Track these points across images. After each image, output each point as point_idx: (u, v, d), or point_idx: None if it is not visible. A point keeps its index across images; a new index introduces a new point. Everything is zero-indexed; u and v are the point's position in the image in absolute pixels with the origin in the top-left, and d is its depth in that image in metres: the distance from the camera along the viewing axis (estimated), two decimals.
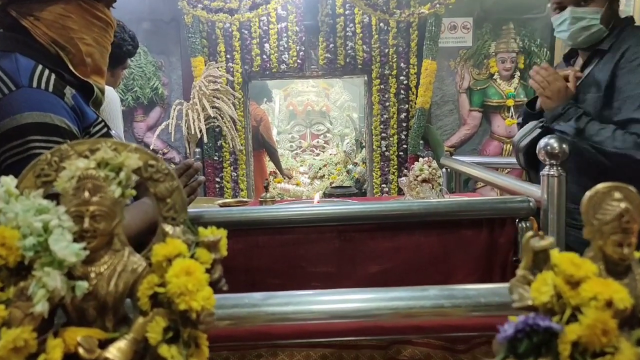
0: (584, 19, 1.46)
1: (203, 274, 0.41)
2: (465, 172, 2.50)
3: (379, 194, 3.97)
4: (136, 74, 3.64)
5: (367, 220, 1.44)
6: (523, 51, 3.79)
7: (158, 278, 0.42)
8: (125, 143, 0.45)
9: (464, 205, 1.47)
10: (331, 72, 3.91)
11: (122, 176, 0.43)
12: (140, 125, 3.82)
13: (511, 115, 3.77)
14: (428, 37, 3.62)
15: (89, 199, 0.41)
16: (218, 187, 3.86)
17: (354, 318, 0.65)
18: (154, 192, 0.46)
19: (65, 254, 0.37)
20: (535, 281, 0.47)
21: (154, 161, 0.46)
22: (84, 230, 0.41)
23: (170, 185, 0.45)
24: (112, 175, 0.42)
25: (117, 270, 0.42)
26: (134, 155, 0.44)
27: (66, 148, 0.44)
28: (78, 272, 0.41)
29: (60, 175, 0.41)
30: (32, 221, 0.38)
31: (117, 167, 0.43)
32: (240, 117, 3.82)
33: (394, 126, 3.88)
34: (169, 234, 0.44)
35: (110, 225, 0.42)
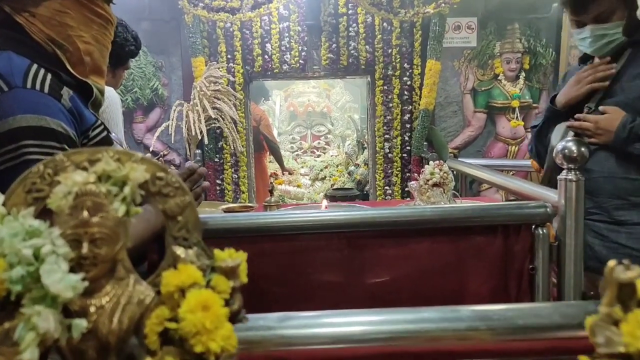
0: (605, 35, 1.43)
1: (222, 308, 0.35)
2: (474, 175, 2.44)
3: (382, 196, 3.91)
4: (136, 74, 3.58)
5: (377, 226, 1.38)
6: (528, 51, 3.74)
7: (169, 311, 0.36)
8: (130, 152, 0.39)
9: (478, 211, 1.41)
10: (334, 73, 3.85)
11: (127, 191, 0.37)
12: (140, 127, 3.75)
13: (516, 117, 3.72)
14: (432, 37, 3.56)
15: (88, 220, 0.35)
16: (219, 189, 3.80)
17: (379, 342, 0.59)
18: (162, 208, 0.40)
19: (60, 288, 0.31)
20: (627, 322, 0.38)
21: (162, 173, 0.40)
22: (82, 256, 0.35)
23: (181, 201, 0.40)
24: (114, 190, 0.36)
25: (121, 302, 0.36)
26: (139, 167, 0.38)
27: (61, 159, 0.38)
28: (75, 306, 0.35)
29: (55, 191, 0.35)
30: (21, 247, 0.32)
31: (120, 181, 0.37)
32: (242, 118, 3.76)
33: (397, 127, 3.82)
34: (181, 258, 0.38)
35: (112, 250, 0.36)
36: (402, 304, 1.43)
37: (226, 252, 0.41)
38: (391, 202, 2.11)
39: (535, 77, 3.80)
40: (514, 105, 3.69)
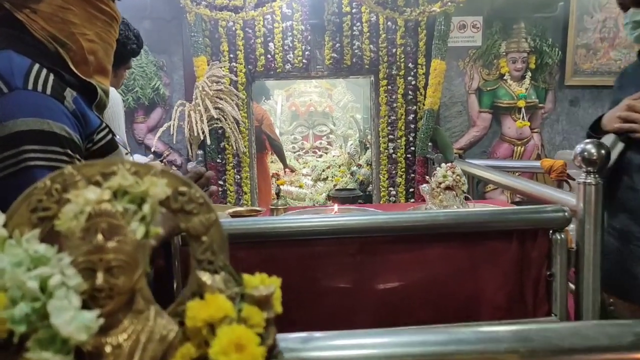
0: None
1: (258, 347, 0.31)
2: (483, 177, 2.40)
3: (386, 197, 3.86)
4: (137, 73, 3.53)
5: (390, 231, 1.33)
6: (534, 51, 3.69)
7: (196, 349, 0.31)
8: (147, 165, 0.34)
9: (494, 216, 1.37)
10: (337, 73, 3.80)
11: (146, 210, 0.32)
12: (141, 127, 3.71)
13: (522, 117, 3.67)
14: (437, 37, 3.52)
15: (104, 245, 0.30)
16: (221, 190, 3.75)
17: None
18: (185, 227, 0.35)
19: (72, 330, 0.26)
20: None
21: (185, 187, 0.35)
22: (96, 288, 0.30)
23: (206, 219, 0.35)
24: (132, 208, 0.32)
25: (141, 340, 0.30)
26: (160, 181, 0.33)
27: (71, 172, 0.33)
28: (88, 345, 0.30)
29: (64, 211, 0.30)
30: (25, 279, 0.27)
31: (138, 198, 0.32)
32: (244, 118, 3.71)
33: (401, 128, 3.78)
34: (208, 285, 0.33)
35: (131, 280, 0.31)
36: (414, 311, 1.39)
37: (257, 277, 0.36)
38: (401, 206, 2.06)
39: (541, 77, 3.76)
40: (520, 105, 3.65)
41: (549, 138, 3.88)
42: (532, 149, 3.78)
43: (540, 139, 3.85)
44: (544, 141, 3.86)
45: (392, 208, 1.79)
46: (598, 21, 3.71)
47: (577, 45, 3.72)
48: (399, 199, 3.84)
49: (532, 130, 3.80)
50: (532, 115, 3.78)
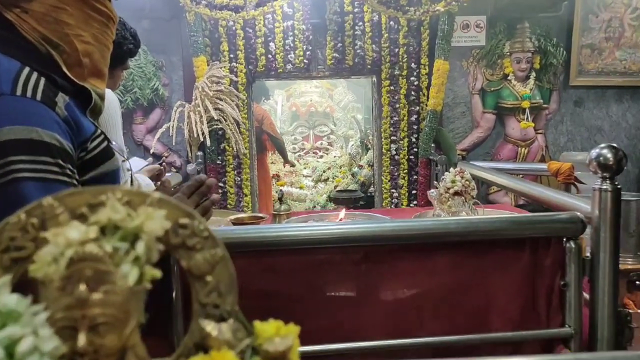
0: None
1: None
2: (489, 180, 2.35)
3: (389, 199, 3.82)
4: (135, 74, 3.48)
5: (397, 240, 1.28)
6: (539, 51, 3.64)
7: None
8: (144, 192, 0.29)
9: (506, 224, 1.32)
10: (339, 73, 3.75)
11: (140, 249, 0.27)
12: (140, 128, 3.65)
13: (526, 118, 3.62)
14: (440, 36, 3.47)
15: (88, 298, 0.24)
16: (221, 192, 3.70)
17: None
18: (187, 266, 0.30)
19: None
20: None
21: (187, 219, 0.30)
22: (78, 352, 0.25)
23: (211, 256, 0.29)
24: (124, 247, 0.27)
25: None
26: (157, 213, 0.27)
27: (51, 203, 0.27)
28: None
29: (40, 254, 0.25)
30: None
31: (132, 234, 0.27)
32: (244, 119, 3.66)
33: (404, 129, 3.73)
34: (212, 337, 0.28)
35: (121, 337, 0.25)
36: (423, 322, 1.34)
37: (272, 325, 0.31)
38: (407, 211, 2.01)
39: (546, 77, 3.71)
40: (524, 106, 3.60)
41: (553, 139, 3.83)
42: (536, 150, 3.74)
43: (545, 140, 3.80)
44: (548, 142, 3.82)
45: (398, 214, 1.74)
46: (603, 21, 3.66)
47: (582, 45, 3.67)
48: (401, 201, 3.79)
49: (536, 131, 3.75)
50: (536, 116, 3.73)
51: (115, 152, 0.88)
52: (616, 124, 3.81)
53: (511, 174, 2.68)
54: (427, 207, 1.76)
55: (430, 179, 3.65)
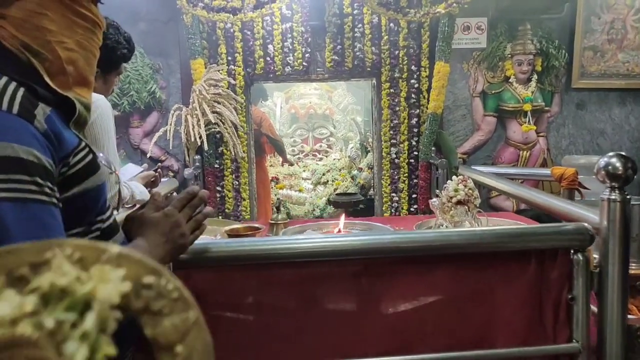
0: None
1: None
2: (493, 186, 2.30)
3: (389, 203, 3.77)
4: (132, 77, 3.43)
5: (398, 252, 1.24)
6: (540, 53, 3.60)
7: None
8: (99, 246, 0.24)
9: (511, 235, 1.27)
10: (338, 75, 3.71)
11: (89, 324, 0.21)
12: (137, 131, 3.61)
13: (528, 121, 3.58)
14: (441, 38, 3.42)
15: None
16: (219, 196, 3.65)
17: None
18: (151, 334, 0.25)
19: None
20: None
21: (152, 277, 0.24)
22: None
23: (182, 321, 0.24)
24: (70, 319, 0.21)
25: None
26: (114, 274, 0.22)
27: None
28: None
29: None
30: None
31: (81, 303, 0.22)
32: (242, 123, 3.61)
33: (404, 132, 3.68)
34: None
35: None
36: (425, 336, 1.29)
37: None
38: (408, 219, 1.95)
39: (548, 80, 3.66)
40: (526, 108, 3.55)
41: (555, 142, 3.78)
42: (538, 154, 3.69)
43: (546, 143, 3.76)
44: (550, 145, 3.77)
45: (399, 222, 1.70)
46: (605, 22, 3.62)
47: (584, 47, 3.63)
48: (401, 205, 3.75)
49: (538, 134, 3.71)
50: (538, 118, 3.68)
51: (101, 166, 0.83)
52: (619, 127, 3.77)
53: (513, 179, 2.64)
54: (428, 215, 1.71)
55: (430, 183, 3.61)
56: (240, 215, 3.70)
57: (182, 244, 0.95)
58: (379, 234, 1.30)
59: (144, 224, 0.92)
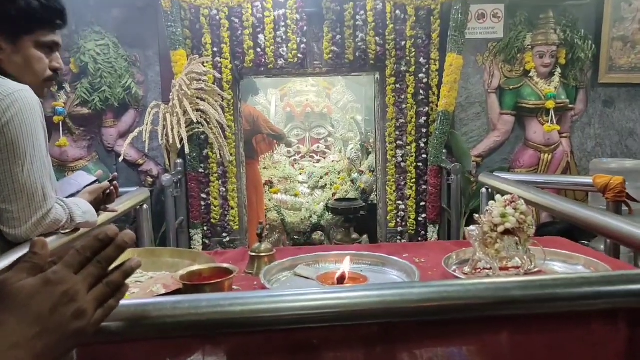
0: None
1: None
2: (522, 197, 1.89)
3: (394, 212, 3.37)
4: (104, 70, 3.03)
5: (429, 314, 0.85)
6: (565, 44, 3.21)
7: None
8: None
9: (592, 289, 0.88)
10: (338, 69, 3.31)
11: None
12: (111, 132, 3.20)
13: (551, 120, 3.19)
14: (453, 27, 3.03)
15: None
16: (204, 205, 3.25)
17: None
18: None
19: None
20: None
21: None
22: None
23: None
24: None
25: None
26: None
27: None
28: None
29: None
30: None
31: None
32: (230, 122, 3.21)
33: (411, 132, 3.29)
34: None
35: None
36: None
37: None
38: (430, 246, 1.50)
39: (572, 74, 3.28)
40: (549, 106, 3.16)
41: (579, 144, 3.40)
42: (560, 157, 3.30)
43: (570, 145, 3.37)
44: (573, 148, 3.39)
45: (417, 251, 1.29)
46: (637, 10, 3.23)
47: (613, 37, 3.24)
48: (408, 214, 3.36)
49: (561, 135, 3.32)
50: (561, 117, 3.29)
51: None
52: None
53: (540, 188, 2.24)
54: (457, 242, 1.29)
55: (441, 189, 3.22)
56: (227, 227, 3.30)
57: (77, 330, 0.55)
58: (403, 286, 0.91)
59: (6, 299, 0.53)
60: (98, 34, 3.05)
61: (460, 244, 1.37)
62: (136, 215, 2.16)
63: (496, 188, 2.22)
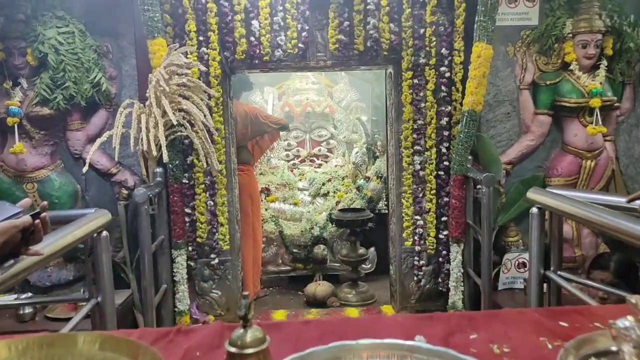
0: None
1: None
2: (597, 224, 1.42)
3: (411, 229, 2.89)
4: (68, 62, 2.53)
5: None
6: (612, 32, 2.74)
7: None
8: None
9: None
10: (345, 62, 2.83)
11: None
12: (78, 136, 2.72)
13: (595, 121, 2.72)
14: (482, 12, 2.55)
15: None
16: (189, 221, 2.77)
17: None
18: None
19: None
20: None
21: None
22: None
23: None
24: None
25: None
26: None
27: None
28: None
29: None
30: None
31: None
32: (219, 124, 2.73)
33: (431, 136, 2.82)
34: None
35: None
36: None
37: None
38: (510, 317, 1.00)
39: (618, 67, 2.80)
40: (594, 105, 2.69)
41: (625, 148, 2.93)
42: (605, 164, 2.84)
43: (615, 150, 2.90)
44: (619, 152, 2.92)
45: (487, 327, 0.82)
46: None
47: None
48: (427, 231, 2.88)
49: (604, 137, 2.85)
50: (604, 117, 2.81)
51: None
52: None
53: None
54: (554, 311, 0.82)
55: (466, 203, 2.74)
56: (216, 246, 2.82)
57: None
58: None
59: None
60: (61, 20, 2.56)
61: (552, 314, 0.90)
62: (93, 245, 1.68)
63: (552, 208, 1.75)
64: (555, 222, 1.83)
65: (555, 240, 1.83)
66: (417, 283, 2.94)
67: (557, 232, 1.83)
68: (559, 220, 1.82)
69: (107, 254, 1.69)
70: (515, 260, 2.84)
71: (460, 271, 2.77)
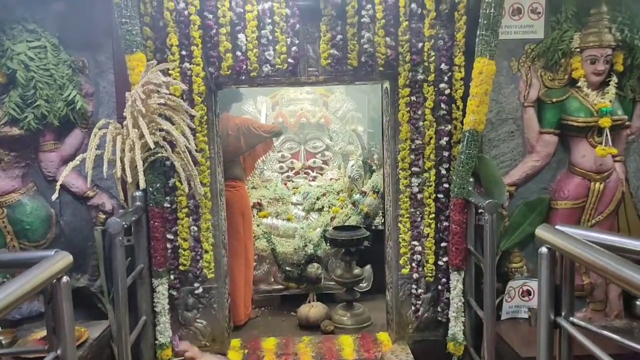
0: None
1: None
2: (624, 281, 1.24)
3: (408, 255, 2.72)
4: (39, 79, 2.35)
5: None
6: (622, 46, 2.57)
7: None
8: None
9: None
10: (338, 77, 2.66)
11: None
12: (51, 157, 2.54)
13: (605, 141, 2.54)
14: (484, 25, 2.37)
15: None
16: (171, 247, 2.59)
17: None
18: None
19: None
20: None
21: None
22: None
23: None
24: None
25: None
26: None
27: None
28: None
29: None
30: None
31: None
32: (203, 145, 2.56)
33: (430, 156, 2.64)
34: None
35: None
36: None
37: None
38: None
39: (629, 84, 2.63)
40: (604, 124, 2.52)
41: (635, 169, 2.76)
42: (615, 186, 2.66)
43: (625, 171, 2.73)
44: (629, 174, 2.74)
45: None
46: None
47: None
48: (426, 257, 2.71)
49: (615, 159, 2.68)
50: (614, 137, 2.64)
51: None
52: None
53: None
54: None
55: (467, 227, 2.57)
56: (200, 274, 2.64)
57: None
58: None
59: None
60: (32, 34, 2.38)
61: None
62: (52, 293, 1.50)
63: (565, 251, 1.57)
64: (567, 264, 1.65)
65: (567, 283, 1.65)
66: (415, 312, 2.76)
67: (568, 275, 1.65)
68: (570, 262, 1.64)
69: (67, 302, 1.51)
70: (519, 288, 2.67)
71: (461, 300, 2.59)
